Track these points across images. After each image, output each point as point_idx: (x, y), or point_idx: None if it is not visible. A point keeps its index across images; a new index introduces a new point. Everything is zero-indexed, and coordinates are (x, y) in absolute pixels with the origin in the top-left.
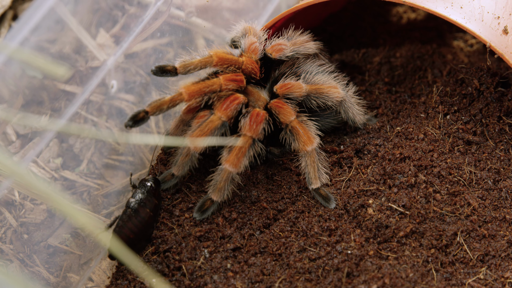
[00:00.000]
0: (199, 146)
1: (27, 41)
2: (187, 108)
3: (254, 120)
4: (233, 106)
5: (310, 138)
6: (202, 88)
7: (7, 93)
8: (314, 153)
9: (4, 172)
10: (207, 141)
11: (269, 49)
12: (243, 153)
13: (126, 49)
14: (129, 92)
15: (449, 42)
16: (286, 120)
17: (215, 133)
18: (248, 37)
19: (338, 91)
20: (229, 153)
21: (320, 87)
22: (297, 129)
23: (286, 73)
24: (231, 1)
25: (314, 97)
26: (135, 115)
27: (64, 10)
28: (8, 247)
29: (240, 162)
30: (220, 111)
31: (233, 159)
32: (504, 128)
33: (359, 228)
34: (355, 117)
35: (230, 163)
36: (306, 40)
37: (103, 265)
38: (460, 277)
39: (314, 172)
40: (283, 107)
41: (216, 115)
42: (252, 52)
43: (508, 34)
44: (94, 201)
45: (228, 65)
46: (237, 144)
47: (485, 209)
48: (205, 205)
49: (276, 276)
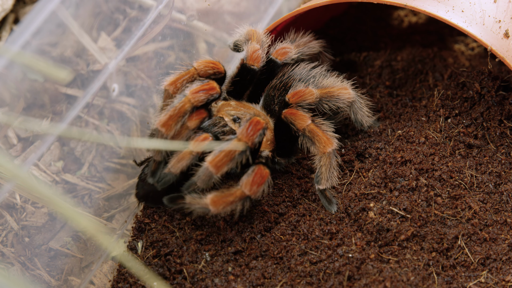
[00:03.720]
0: (223, 170)
1: (29, 45)
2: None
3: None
4: (258, 132)
5: (329, 139)
6: (172, 114)
7: (9, 96)
8: (332, 155)
9: (5, 175)
10: (230, 165)
11: (274, 54)
12: (264, 180)
13: (127, 53)
14: (130, 96)
15: (450, 46)
16: (303, 125)
17: (239, 157)
18: (251, 44)
19: (348, 92)
20: (248, 177)
21: (330, 90)
22: (315, 131)
23: (277, 85)
24: (232, 5)
25: (325, 101)
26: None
27: (66, 13)
28: (9, 250)
29: (259, 189)
30: (244, 136)
31: (250, 184)
32: (505, 132)
33: (360, 232)
34: (363, 118)
35: (249, 189)
36: (309, 40)
37: (104, 268)
38: (461, 280)
39: (327, 173)
40: (296, 113)
41: (240, 140)
42: (254, 60)
43: (509, 38)
44: (95, 204)
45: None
46: (256, 169)
47: (486, 213)
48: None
49: (277, 280)
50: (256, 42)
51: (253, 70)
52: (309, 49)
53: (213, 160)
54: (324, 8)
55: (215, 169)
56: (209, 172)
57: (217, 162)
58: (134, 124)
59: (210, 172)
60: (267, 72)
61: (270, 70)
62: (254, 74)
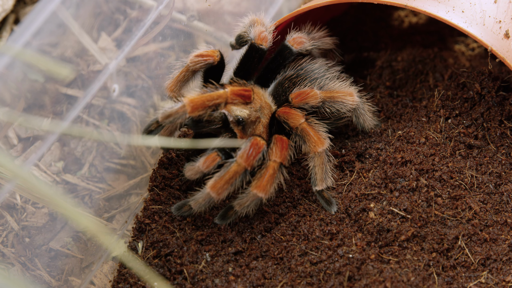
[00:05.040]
0: (223, 195)
1: (29, 45)
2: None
3: (281, 147)
4: (257, 156)
5: (320, 139)
6: (205, 101)
7: (9, 97)
8: (324, 155)
9: (6, 176)
10: (230, 189)
11: (291, 41)
12: (273, 179)
13: (127, 53)
14: (130, 96)
15: (451, 46)
16: (296, 123)
17: (238, 180)
18: (256, 26)
19: (353, 98)
20: (258, 180)
21: (335, 94)
22: (307, 130)
23: (292, 77)
24: (232, 5)
25: (328, 105)
26: (148, 126)
27: (66, 14)
28: (9, 250)
29: (269, 189)
30: (243, 160)
31: (263, 185)
32: (506, 132)
33: (361, 232)
34: (365, 122)
35: (260, 189)
36: (323, 35)
37: (105, 268)
38: (461, 281)
39: (321, 174)
40: (290, 112)
41: (240, 165)
42: (262, 40)
43: (509, 38)
44: (95, 205)
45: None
46: (268, 171)
47: (487, 213)
48: (228, 214)
49: (277, 280)
50: (261, 26)
51: (262, 49)
52: (323, 44)
53: (215, 185)
54: (324, 8)
55: (216, 194)
56: (210, 197)
57: (218, 188)
58: (135, 124)
59: (212, 197)
60: (280, 58)
61: (283, 57)
62: (262, 54)
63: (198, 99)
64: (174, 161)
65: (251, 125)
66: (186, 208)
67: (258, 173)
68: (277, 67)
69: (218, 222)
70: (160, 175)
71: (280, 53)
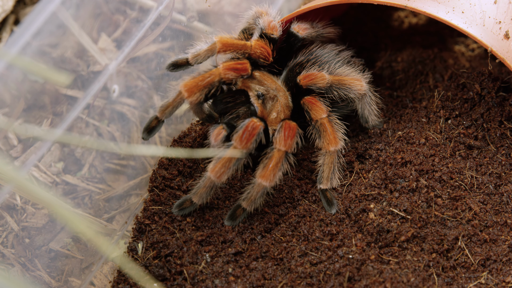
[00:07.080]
0: (223, 179)
1: (29, 46)
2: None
3: (288, 134)
4: (253, 138)
5: (336, 138)
6: (198, 82)
7: (9, 98)
8: (335, 155)
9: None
10: (230, 172)
11: (296, 28)
12: (278, 167)
13: (127, 54)
14: (130, 97)
15: (451, 47)
16: (318, 116)
17: (237, 164)
18: (264, 16)
19: (361, 84)
20: (263, 169)
21: (343, 78)
22: (325, 126)
23: (303, 62)
24: (232, 6)
25: (335, 88)
26: (148, 124)
27: (66, 14)
28: (9, 251)
29: (274, 177)
30: (237, 143)
31: (268, 174)
32: (506, 133)
33: (361, 233)
34: (369, 115)
35: (265, 178)
36: (327, 25)
37: (105, 269)
38: (461, 281)
39: (328, 173)
40: (316, 103)
41: (235, 147)
42: (272, 29)
43: (509, 39)
44: (95, 206)
45: (234, 50)
46: (273, 159)
47: (486, 214)
48: (237, 213)
49: (277, 281)
50: (269, 16)
51: (274, 38)
52: (327, 32)
53: (213, 168)
54: (324, 9)
55: (217, 178)
56: (211, 181)
57: (217, 171)
58: (135, 125)
59: (212, 181)
60: (286, 46)
61: (290, 44)
62: (274, 43)
63: (191, 82)
64: (174, 162)
65: (269, 100)
66: (187, 204)
67: (263, 162)
68: (286, 55)
69: (228, 223)
70: (160, 176)
71: (287, 41)
